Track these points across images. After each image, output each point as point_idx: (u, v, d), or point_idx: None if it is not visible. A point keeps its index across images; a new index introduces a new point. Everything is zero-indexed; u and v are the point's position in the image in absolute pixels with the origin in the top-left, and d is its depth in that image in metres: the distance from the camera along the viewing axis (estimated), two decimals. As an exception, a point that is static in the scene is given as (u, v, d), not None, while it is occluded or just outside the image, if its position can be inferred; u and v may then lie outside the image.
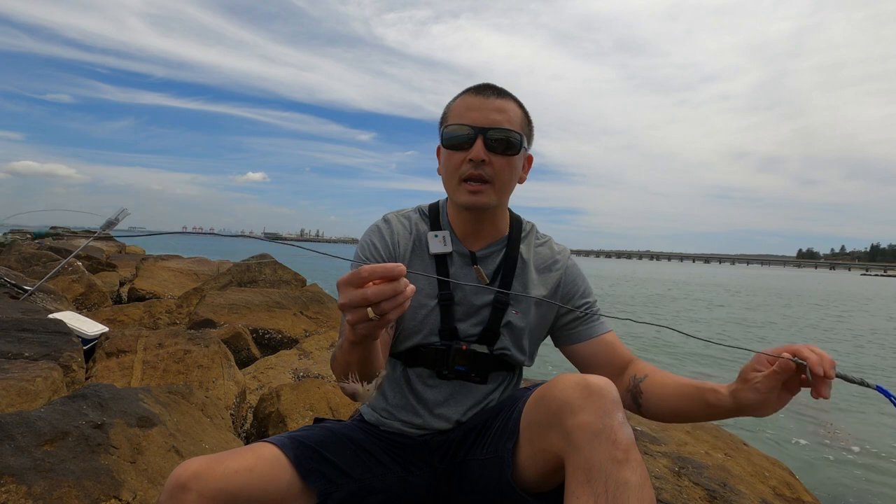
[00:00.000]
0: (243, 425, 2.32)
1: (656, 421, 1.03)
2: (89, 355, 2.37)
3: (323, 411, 2.09)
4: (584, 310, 1.09)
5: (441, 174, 1.06)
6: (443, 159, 1.04)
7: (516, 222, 1.12)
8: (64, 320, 2.45)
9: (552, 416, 0.77)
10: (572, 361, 1.12)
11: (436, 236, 1.06)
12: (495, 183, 0.99)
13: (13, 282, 3.59)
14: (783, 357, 0.79)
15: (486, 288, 1.03)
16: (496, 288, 1.04)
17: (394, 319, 0.66)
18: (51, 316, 2.60)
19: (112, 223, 3.69)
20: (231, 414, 2.14)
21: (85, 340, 2.48)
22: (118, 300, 5.76)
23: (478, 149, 0.96)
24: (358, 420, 1.11)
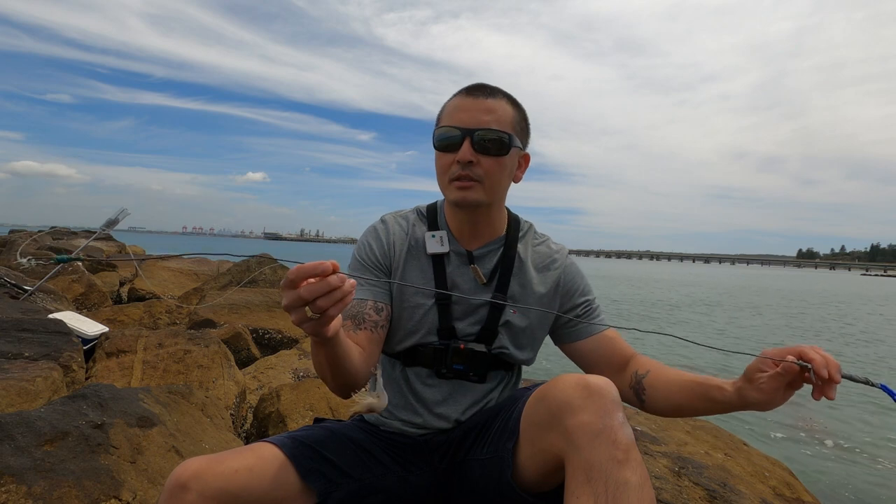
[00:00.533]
0: (243, 425, 2.32)
1: (658, 415, 1.04)
2: (89, 355, 2.37)
3: (323, 411, 2.09)
4: (584, 307, 1.10)
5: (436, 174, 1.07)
6: (435, 160, 1.05)
7: (514, 222, 1.12)
8: (64, 320, 2.45)
9: (552, 416, 0.78)
10: (573, 359, 1.12)
11: (433, 236, 1.06)
12: (485, 182, 0.99)
13: (13, 282, 3.59)
14: (787, 361, 0.79)
15: (487, 296, 1.04)
16: (491, 299, 1.05)
17: (335, 315, 0.68)
18: (51, 316, 2.61)
19: (112, 223, 3.70)
20: (231, 414, 2.14)
21: (85, 340, 2.48)
22: (118, 300, 5.76)
23: (465, 150, 0.96)
24: (358, 420, 1.11)
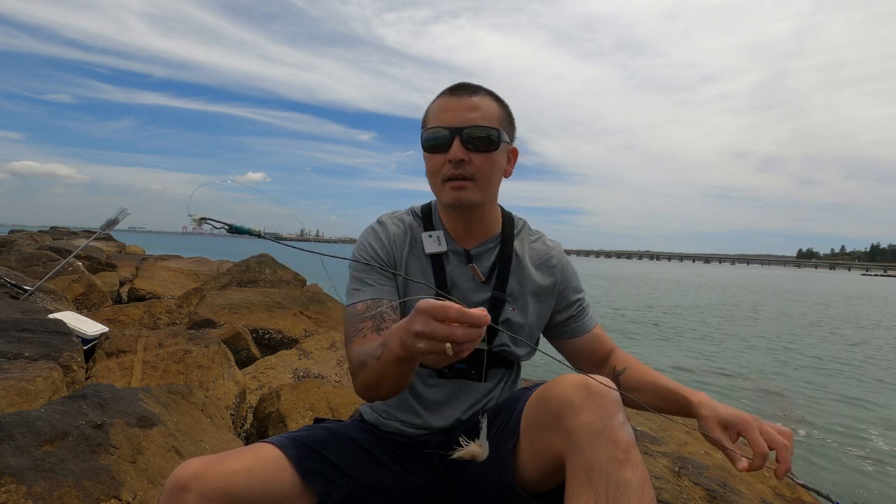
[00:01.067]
0: (243, 425, 2.32)
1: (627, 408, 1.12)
2: (89, 355, 2.37)
3: (323, 411, 2.08)
4: (577, 306, 1.15)
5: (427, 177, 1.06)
6: (425, 162, 1.04)
7: (508, 219, 1.13)
8: (64, 320, 2.45)
9: (553, 416, 0.78)
10: (562, 353, 1.17)
11: (430, 236, 1.06)
12: (478, 180, 0.99)
13: (13, 282, 3.59)
14: (727, 448, 0.86)
15: (487, 295, 1.06)
16: (491, 297, 1.05)
17: (464, 355, 0.67)
18: (51, 316, 2.60)
19: (112, 222, 3.70)
20: (231, 414, 2.14)
21: (85, 340, 2.48)
22: (118, 300, 5.75)
23: (456, 149, 0.96)
24: (358, 420, 1.11)
